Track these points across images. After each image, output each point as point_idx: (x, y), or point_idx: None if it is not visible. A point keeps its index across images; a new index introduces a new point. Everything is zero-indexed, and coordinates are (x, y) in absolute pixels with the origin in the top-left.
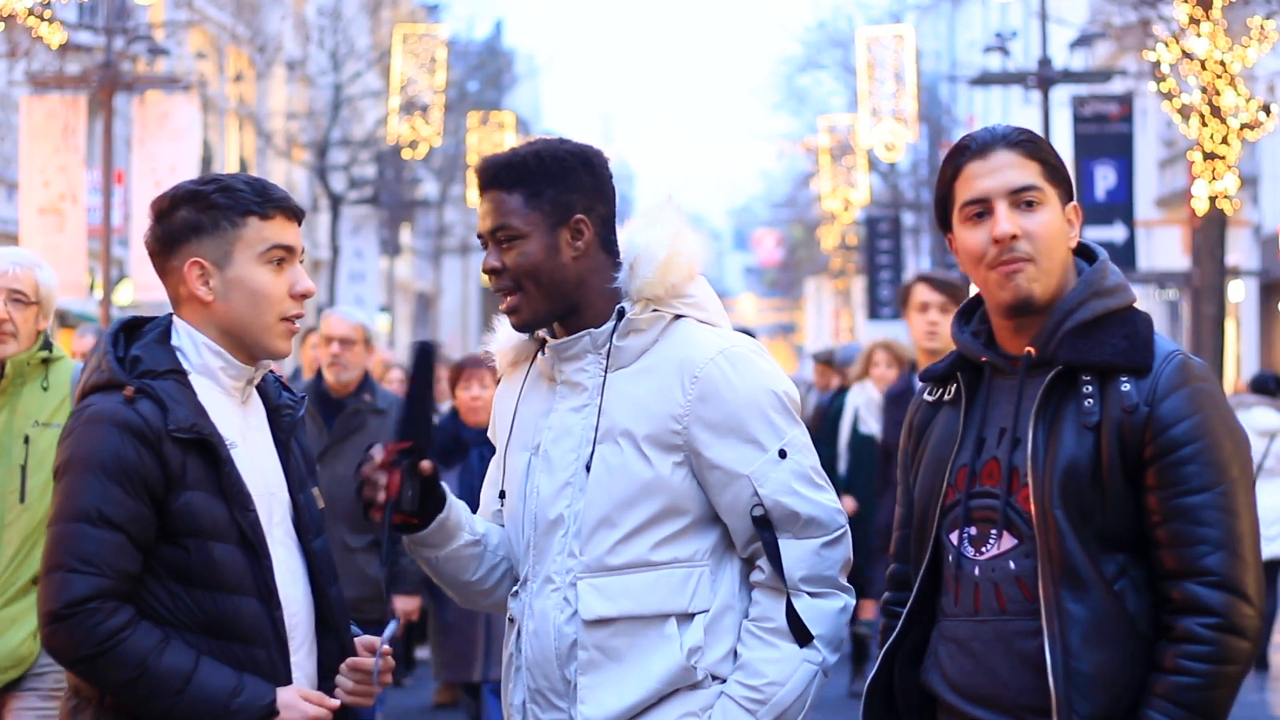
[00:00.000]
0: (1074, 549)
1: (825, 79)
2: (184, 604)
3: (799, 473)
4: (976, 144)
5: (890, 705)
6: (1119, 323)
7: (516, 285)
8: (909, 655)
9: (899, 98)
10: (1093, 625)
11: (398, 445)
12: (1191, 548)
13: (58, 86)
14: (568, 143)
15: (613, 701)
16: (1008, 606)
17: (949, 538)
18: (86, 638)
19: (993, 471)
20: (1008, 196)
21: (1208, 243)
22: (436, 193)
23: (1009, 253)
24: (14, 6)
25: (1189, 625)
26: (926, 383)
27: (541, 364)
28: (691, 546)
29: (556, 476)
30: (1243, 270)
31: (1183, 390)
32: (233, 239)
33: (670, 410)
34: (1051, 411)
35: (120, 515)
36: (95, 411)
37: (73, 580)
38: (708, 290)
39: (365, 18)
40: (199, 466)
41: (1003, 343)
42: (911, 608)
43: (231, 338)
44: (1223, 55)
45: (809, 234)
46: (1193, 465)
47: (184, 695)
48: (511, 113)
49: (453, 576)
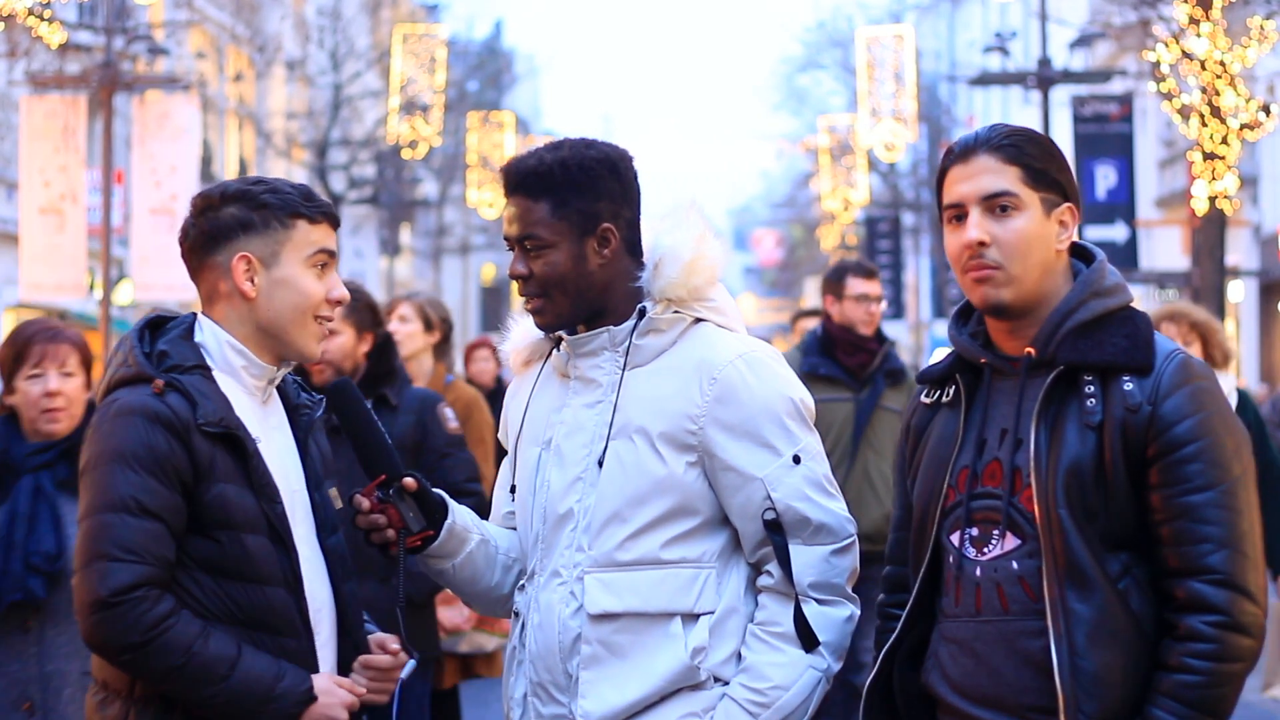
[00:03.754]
0: (1078, 548)
1: (825, 79)
2: (213, 595)
3: (812, 479)
4: (959, 148)
5: (889, 706)
6: (1119, 322)
7: (543, 292)
8: (908, 656)
9: (899, 98)
10: (1097, 624)
11: (374, 484)
12: (1194, 546)
13: (58, 86)
14: (594, 147)
15: (614, 697)
16: (1011, 606)
17: (949, 539)
18: (135, 625)
19: (995, 472)
20: (980, 202)
21: (1207, 243)
22: (436, 193)
23: (978, 259)
24: (14, 6)
25: (1193, 623)
26: (924, 384)
27: (556, 360)
28: (700, 547)
29: (568, 471)
30: (1242, 270)
31: (1185, 389)
32: (282, 239)
33: (687, 410)
34: (1053, 412)
35: (156, 504)
36: (124, 404)
37: (116, 569)
38: (727, 296)
39: (365, 18)
40: (227, 460)
41: (999, 343)
42: (911, 609)
43: (265, 335)
44: (1223, 55)
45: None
46: (1195, 464)
47: (230, 681)
48: (511, 113)
49: (470, 584)
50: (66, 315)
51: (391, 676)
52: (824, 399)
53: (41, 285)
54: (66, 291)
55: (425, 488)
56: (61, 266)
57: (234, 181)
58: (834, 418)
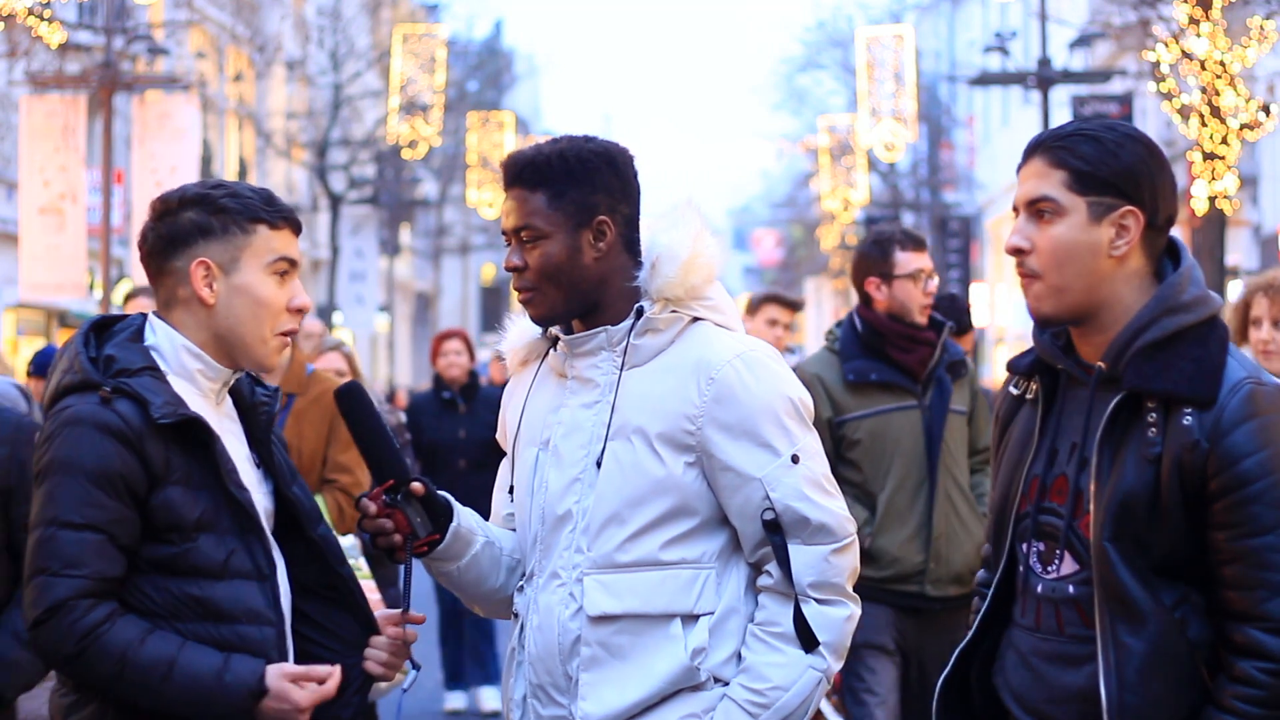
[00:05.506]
0: (1128, 580)
1: (825, 79)
2: (168, 595)
3: (811, 479)
4: (1027, 147)
5: (964, 705)
6: (1191, 342)
7: (537, 284)
8: (986, 656)
9: (899, 98)
10: (1149, 658)
11: (381, 489)
12: (1254, 591)
13: (58, 86)
14: (593, 141)
15: (614, 699)
16: (1065, 630)
17: (1020, 547)
18: (66, 636)
19: (1061, 489)
20: (1026, 207)
21: (1207, 243)
22: (436, 193)
23: (1021, 266)
24: (14, 6)
25: (1247, 668)
26: (1013, 375)
27: (553, 360)
28: (700, 548)
29: (566, 472)
30: (1242, 270)
31: (1250, 423)
32: (242, 245)
33: (685, 410)
34: (1118, 436)
35: (102, 518)
36: (74, 414)
37: (54, 584)
38: (724, 295)
39: (365, 18)
40: (181, 458)
41: (1077, 347)
42: (986, 610)
43: (223, 343)
44: (1222, 55)
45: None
46: (1258, 505)
47: (170, 681)
48: (511, 113)
49: (476, 586)
50: (67, 315)
51: (405, 653)
52: (881, 410)
53: (41, 285)
54: (66, 291)
55: (431, 492)
56: (61, 266)
57: (193, 185)
58: (900, 432)
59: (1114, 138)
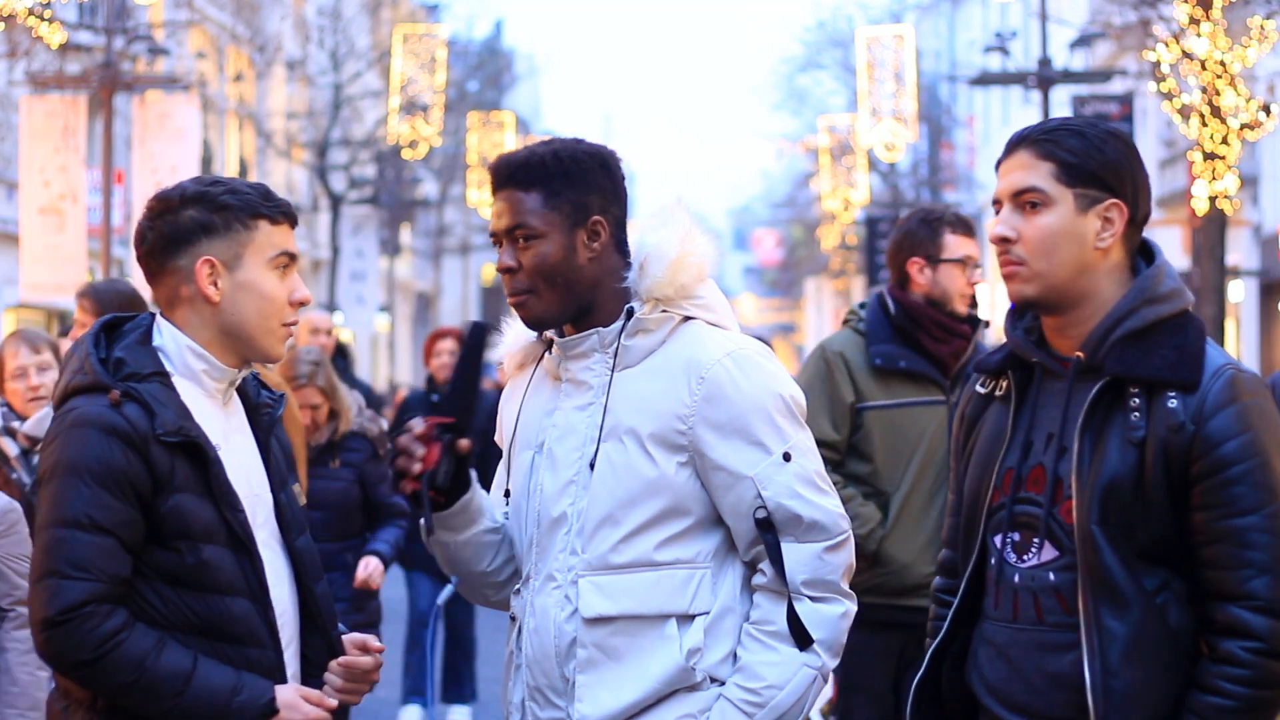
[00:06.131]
0: (1113, 565)
1: (825, 79)
2: (175, 606)
3: (803, 476)
4: (1009, 143)
5: (937, 705)
6: (1170, 331)
7: (531, 285)
8: (957, 656)
9: (899, 98)
10: (1132, 642)
11: (439, 419)
12: (1237, 571)
13: (58, 86)
14: (584, 143)
15: (610, 701)
16: (1045, 618)
17: (993, 540)
18: (84, 642)
19: (1038, 478)
20: (1011, 198)
21: (1207, 243)
22: (436, 193)
23: (1004, 255)
24: (14, 6)
25: (1230, 648)
26: (980, 374)
27: (548, 363)
28: (694, 548)
29: (560, 474)
30: (1243, 270)
31: (1231, 407)
32: (244, 241)
33: (676, 410)
34: (1098, 423)
35: (110, 519)
36: (81, 415)
37: (66, 586)
38: (716, 292)
39: (365, 18)
40: (186, 469)
41: (1052, 341)
42: (958, 608)
43: (229, 339)
44: (1223, 55)
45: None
46: (1240, 486)
47: (185, 695)
48: (511, 113)
49: (467, 564)
50: (67, 315)
51: (370, 678)
52: (905, 403)
53: (41, 285)
54: (66, 291)
55: (467, 459)
56: (61, 266)
57: (190, 182)
58: (923, 427)
59: (1097, 133)
